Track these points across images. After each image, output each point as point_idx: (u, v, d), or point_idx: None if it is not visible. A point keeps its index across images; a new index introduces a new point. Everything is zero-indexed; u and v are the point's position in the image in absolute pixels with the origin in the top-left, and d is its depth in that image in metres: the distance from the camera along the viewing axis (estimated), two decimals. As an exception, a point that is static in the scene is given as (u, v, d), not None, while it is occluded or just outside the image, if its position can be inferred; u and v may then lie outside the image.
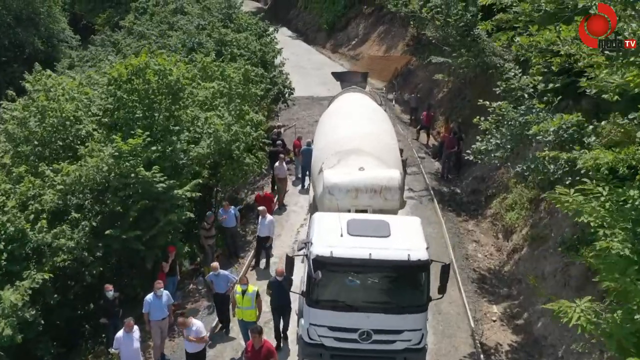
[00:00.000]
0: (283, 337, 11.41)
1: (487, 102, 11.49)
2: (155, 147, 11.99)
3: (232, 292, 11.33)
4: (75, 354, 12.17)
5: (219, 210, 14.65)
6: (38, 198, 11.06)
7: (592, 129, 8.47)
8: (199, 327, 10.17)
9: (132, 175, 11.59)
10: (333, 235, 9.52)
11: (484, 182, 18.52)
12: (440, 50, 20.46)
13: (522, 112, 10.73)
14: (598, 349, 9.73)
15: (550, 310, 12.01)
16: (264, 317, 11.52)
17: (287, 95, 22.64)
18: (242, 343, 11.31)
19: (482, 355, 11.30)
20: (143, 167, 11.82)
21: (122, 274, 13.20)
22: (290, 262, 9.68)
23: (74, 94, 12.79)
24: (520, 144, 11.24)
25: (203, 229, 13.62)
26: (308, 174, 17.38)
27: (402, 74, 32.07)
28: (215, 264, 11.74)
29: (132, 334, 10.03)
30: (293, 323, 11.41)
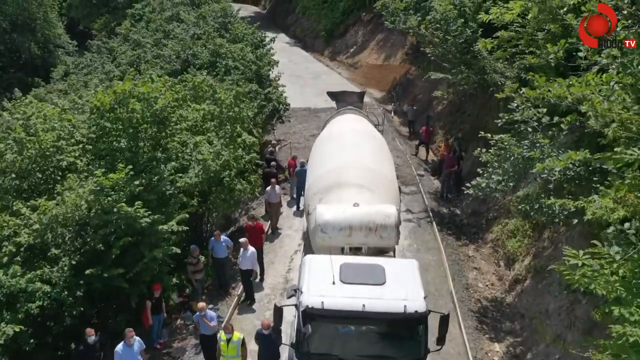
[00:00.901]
0: None
1: (488, 134, 10.90)
2: (139, 180, 11.39)
3: (218, 334, 10.77)
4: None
5: (210, 239, 14.04)
6: (13, 239, 10.47)
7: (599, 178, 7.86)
8: None
9: (114, 211, 11.00)
10: (324, 283, 8.94)
11: (485, 203, 17.91)
12: (440, 66, 19.86)
13: (526, 146, 10.13)
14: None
15: (556, 352, 11.56)
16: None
17: (282, 112, 22.03)
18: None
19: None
20: (126, 201, 11.24)
21: (106, 310, 12.60)
22: (279, 312, 9.09)
23: (54, 124, 12.18)
24: (524, 179, 10.67)
25: (190, 265, 13.02)
26: (303, 194, 16.81)
27: (401, 84, 31.47)
28: (202, 305, 11.16)
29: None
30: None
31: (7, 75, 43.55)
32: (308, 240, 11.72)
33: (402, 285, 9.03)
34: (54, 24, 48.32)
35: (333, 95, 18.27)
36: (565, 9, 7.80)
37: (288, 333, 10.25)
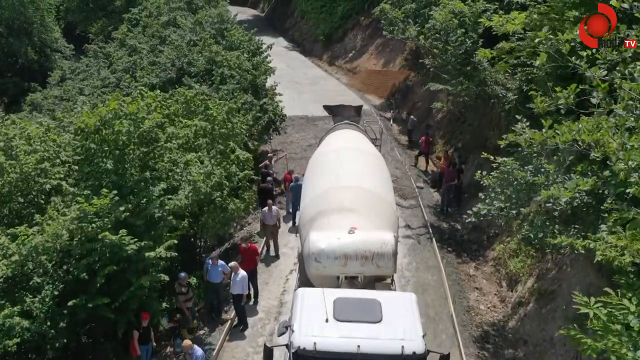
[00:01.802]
0: None
1: (490, 156, 10.39)
2: (125, 205, 10.89)
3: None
4: None
5: (207, 261, 13.51)
6: (-10, 271, 9.97)
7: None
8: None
9: (98, 238, 10.51)
10: (317, 320, 8.43)
11: (486, 219, 17.38)
12: (439, 76, 19.36)
13: (530, 171, 9.62)
14: None
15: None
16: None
17: (278, 124, 21.53)
18: None
19: None
20: (111, 227, 10.74)
21: (93, 339, 12.10)
22: (269, 353, 8.59)
23: (37, 146, 11.68)
24: (527, 206, 10.17)
25: (180, 294, 12.50)
26: (298, 209, 16.30)
27: (400, 90, 30.98)
28: (187, 343, 10.69)
29: None
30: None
31: (3, 80, 43.22)
32: (303, 263, 11.25)
33: (399, 323, 8.52)
34: (51, 28, 47.98)
35: (330, 109, 17.75)
36: (580, 61, 7.39)
37: None
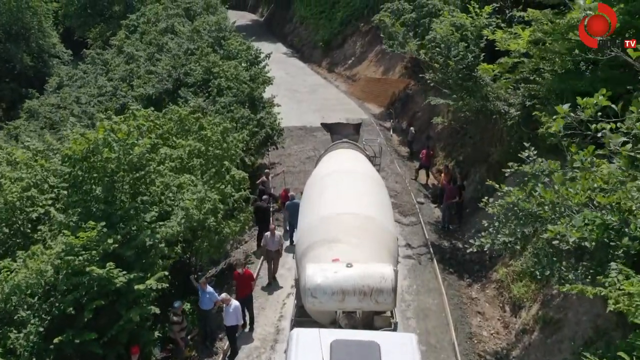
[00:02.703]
0: None
1: (495, 183, 9.97)
2: (113, 237, 10.47)
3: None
4: None
5: (198, 286, 13.08)
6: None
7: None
8: None
9: (85, 271, 10.09)
10: (312, 366, 8.04)
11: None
12: (439, 90, 18.94)
13: (537, 202, 9.19)
14: None
15: None
16: None
17: (275, 138, 21.13)
18: None
19: None
20: (99, 259, 10.33)
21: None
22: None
23: (23, 173, 11.27)
24: (533, 239, 9.75)
25: (175, 324, 12.05)
26: (296, 227, 15.89)
27: (400, 99, 30.59)
28: None
29: None
30: None
31: (0, 86, 42.91)
32: (298, 289, 10.84)
33: (399, 368, 8.12)
34: (49, 34, 47.73)
35: (328, 127, 17.32)
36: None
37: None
